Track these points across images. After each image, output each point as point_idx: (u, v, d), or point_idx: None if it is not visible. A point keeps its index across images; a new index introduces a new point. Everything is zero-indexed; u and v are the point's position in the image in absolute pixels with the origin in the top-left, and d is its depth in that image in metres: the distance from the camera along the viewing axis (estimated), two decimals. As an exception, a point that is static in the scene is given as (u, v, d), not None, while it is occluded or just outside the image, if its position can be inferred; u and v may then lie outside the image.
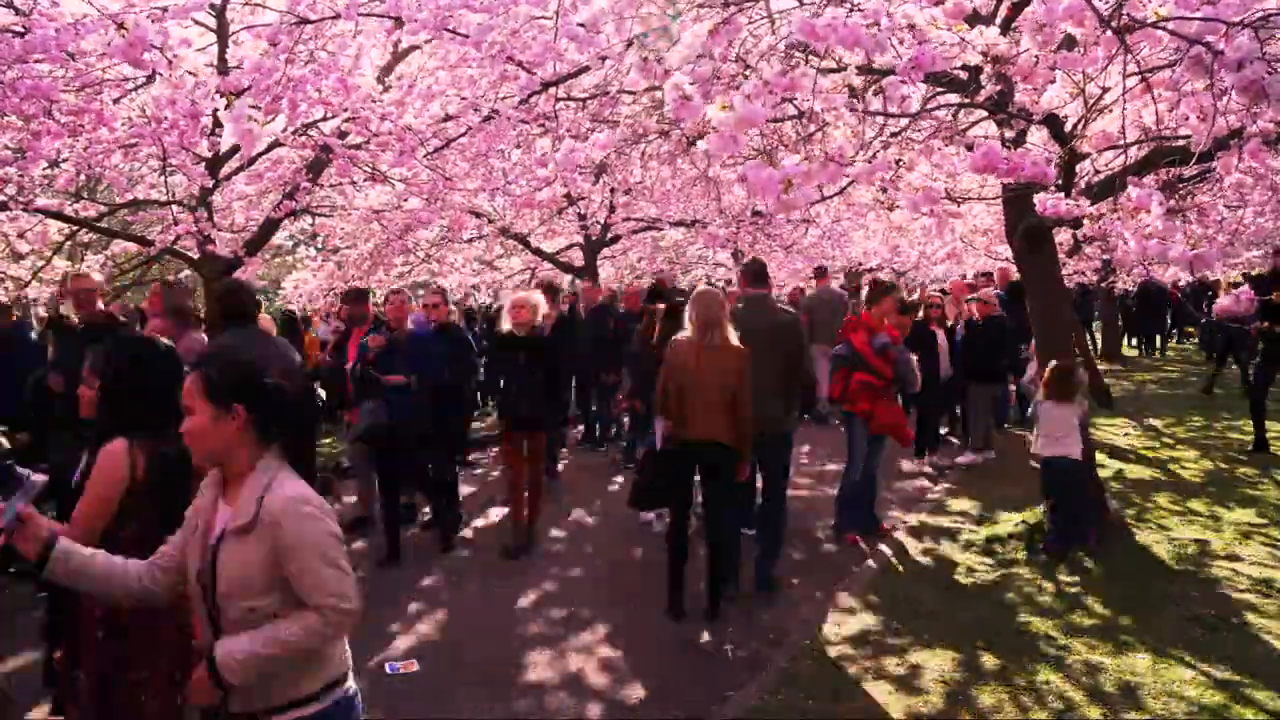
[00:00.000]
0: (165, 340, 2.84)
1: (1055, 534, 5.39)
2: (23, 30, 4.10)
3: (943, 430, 9.11)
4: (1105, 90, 4.34)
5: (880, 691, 3.78)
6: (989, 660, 4.02)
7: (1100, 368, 12.77)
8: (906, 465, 8.20)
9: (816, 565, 5.65)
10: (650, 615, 4.78)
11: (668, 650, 4.37)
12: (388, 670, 4.15)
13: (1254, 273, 10.11)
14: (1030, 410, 5.89)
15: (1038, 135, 6.04)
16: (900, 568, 5.35)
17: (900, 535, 6.00)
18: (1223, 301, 2.66)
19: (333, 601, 1.94)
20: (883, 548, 5.74)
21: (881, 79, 3.74)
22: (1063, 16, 2.57)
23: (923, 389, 6.60)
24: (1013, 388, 9.47)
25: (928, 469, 8.15)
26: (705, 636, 4.52)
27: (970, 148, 5.26)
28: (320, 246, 13.08)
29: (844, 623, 4.54)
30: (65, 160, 6.78)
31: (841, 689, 3.83)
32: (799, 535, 6.13)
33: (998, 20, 4.03)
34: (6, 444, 4.79)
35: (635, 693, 3.95)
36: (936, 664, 4.01)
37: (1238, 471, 7.46)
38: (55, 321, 6.73)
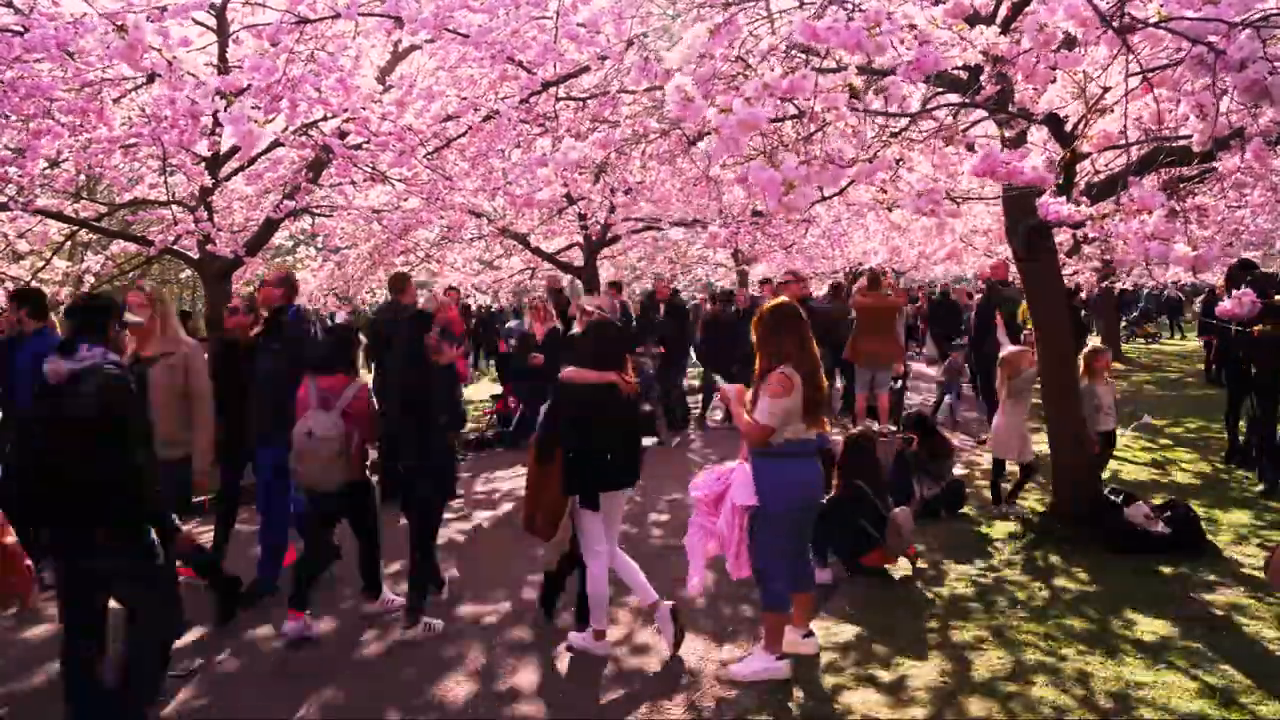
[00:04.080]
0: None
1: None
2: (22, 30, 4.10)
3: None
4: (1106, 90, 4.34)
5: (871, 700, 3.75)
6: (980, 668, 3.98)
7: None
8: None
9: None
10: (648, 617, 4.78)
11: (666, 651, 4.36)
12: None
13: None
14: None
15: (1038, 135, 6.05)
16: (894, 572, 5.32)
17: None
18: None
19: None
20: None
21: (882, 79, 3.75)
22: (1064, 17, 2.56)
23: None
24: None
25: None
26: (704, 637, 4.52)
27: (971, 148, 5.27)
28: (320, 246, 13.08)
29: (838, 627, 4.53)
30: (65, 160, 6.78)
31: (836, 695, 3.82)
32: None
33: (998, 20, 4.03)
34: None
35: (634, 694, 3.94)
36: (927, 671, 3.98)
37: (1234, 473, 7.45)
38: None
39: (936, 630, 4.43)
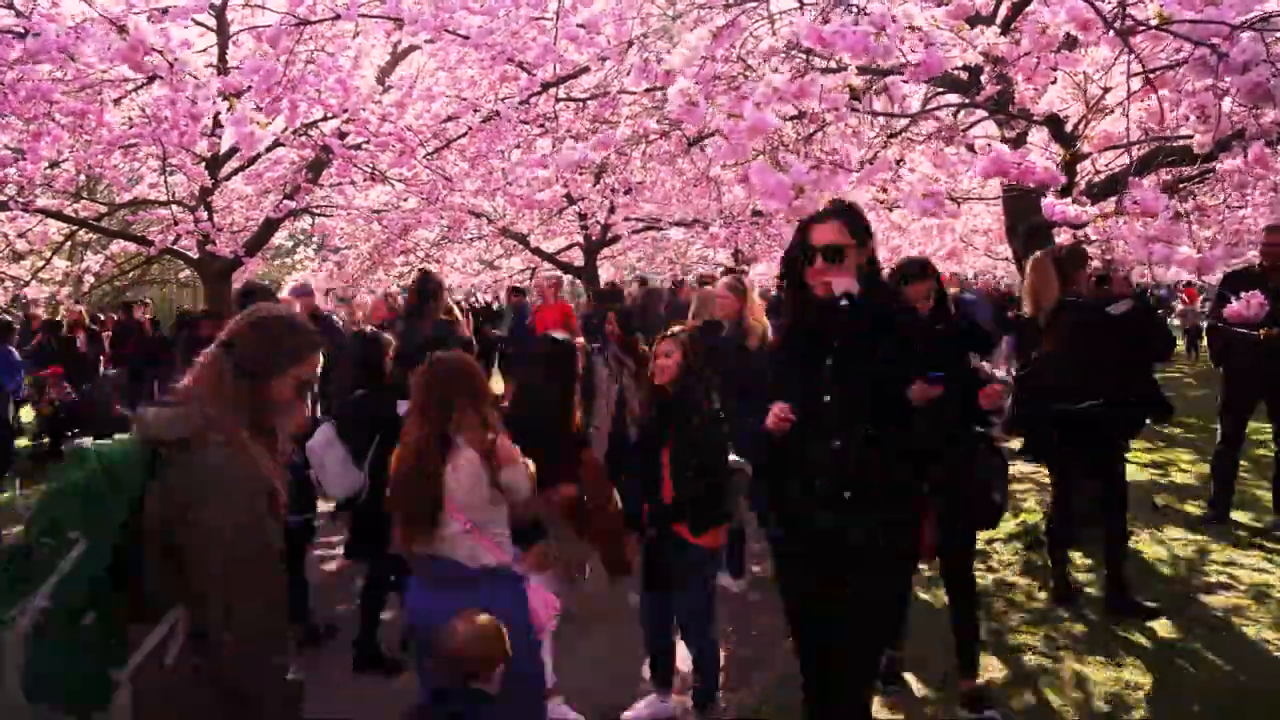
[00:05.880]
0: None
1: None
2: (23, 32, 4.09)
3: None
4: (1107, 90, 4.34)
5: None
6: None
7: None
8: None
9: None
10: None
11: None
12: None
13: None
14: None
15: (1038, 135, 6.05)
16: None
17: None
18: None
19: None
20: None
21: (883, 79, 3.75)
22: (1065, 18, 2.56)
23: None
24: None
25: None
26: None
27: (971, 148, 5.27)
28: (320, 246, 13.08)
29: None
30: (65, 160, 6.78)
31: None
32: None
33: (998, 21, 4.03)
34: None
35: (635, 692, 3.94)
36: (922, 677, 3.97)
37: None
38: None
39: (934, 632, 4.41)
